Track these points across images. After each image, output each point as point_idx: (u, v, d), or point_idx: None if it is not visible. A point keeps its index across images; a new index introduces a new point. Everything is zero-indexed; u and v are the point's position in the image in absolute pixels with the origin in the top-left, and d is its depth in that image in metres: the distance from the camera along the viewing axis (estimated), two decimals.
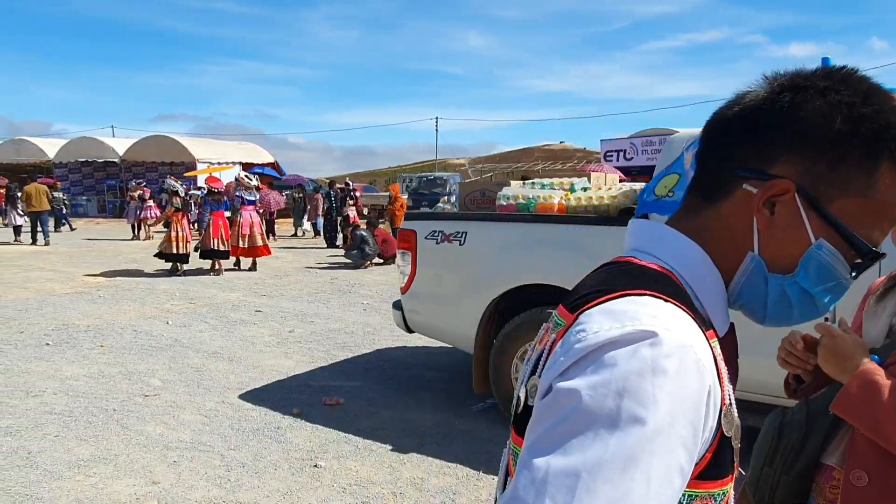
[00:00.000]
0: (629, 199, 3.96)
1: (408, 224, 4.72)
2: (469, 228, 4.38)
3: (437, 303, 4.59)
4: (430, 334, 4.91)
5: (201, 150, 27.68)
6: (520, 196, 4.33)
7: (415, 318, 4.78)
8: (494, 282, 4.22)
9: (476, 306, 4.28)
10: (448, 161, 71.63)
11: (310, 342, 6.58)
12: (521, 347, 4.11)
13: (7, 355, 6.01)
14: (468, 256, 4.35)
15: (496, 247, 4.27)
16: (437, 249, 4.46)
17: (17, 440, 4.05)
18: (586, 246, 3.86)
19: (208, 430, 4.23)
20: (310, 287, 10.09)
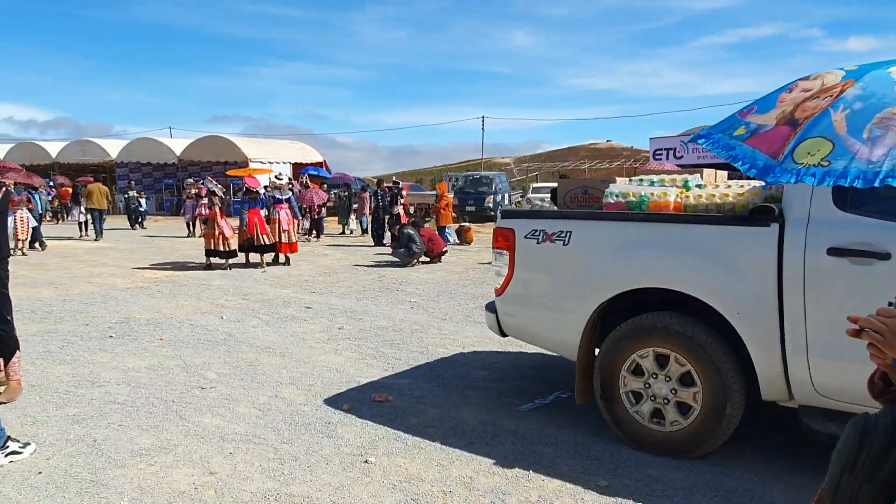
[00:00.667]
0: (759, 196, 3.67)
1: (505, 222, 4.46)
2: (574, 228, 4.10)
3: (537, 306, 4.32)
4: (527, 339, 4.64)
5: (253, 150, 28.30)
6: (630, 193, 4.08)
7: (510, 322, 4.53)
8: (602, 285, 3.92)
9: (580, 311, 3.99)
10: (493, 160, 71.50)
11: (359, 339, 6.65)
12: (630, 356, 3.81)
13: (74, 346, 6.26)
14: (573, 257, 4.07)
15: (605, 248, 3.98)
16: (537, 249, 4.19)
17: (83, 428, 4.21)
18: (709, 248, 3.59)
19: (262, 423, 4.32)
20: (358, 285, 10.20)
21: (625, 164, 34.67)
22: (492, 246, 4.58)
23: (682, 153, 19.44)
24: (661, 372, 3.71)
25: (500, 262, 4.43)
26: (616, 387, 3.88)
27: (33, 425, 4.26)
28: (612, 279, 3.89)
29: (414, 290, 9.58)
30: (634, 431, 3.82)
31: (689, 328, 3.59)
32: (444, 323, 7.42)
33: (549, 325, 4.30)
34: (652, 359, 3.73)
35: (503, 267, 4.40)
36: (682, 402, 3.66)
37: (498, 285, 4.47)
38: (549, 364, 5.74)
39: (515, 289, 4.36)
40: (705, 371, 3.53)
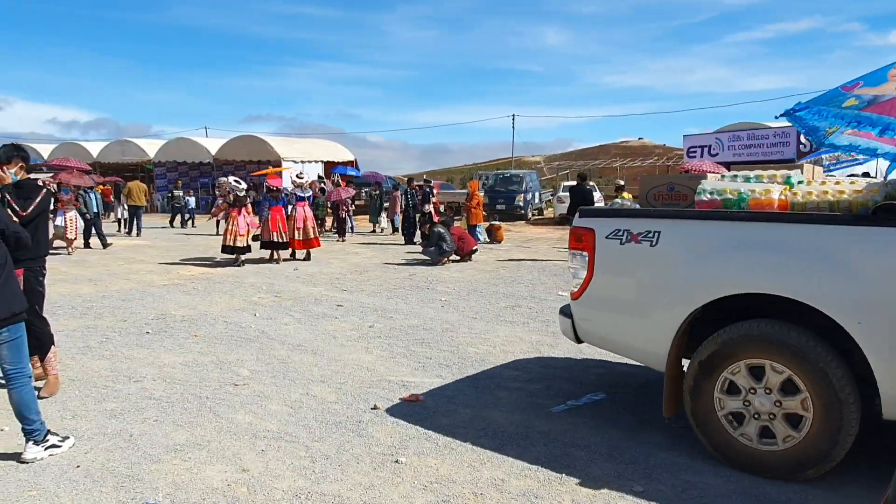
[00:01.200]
0: (879, 193, 3.42)
1: (584, 221, 4.16)
2: (664, 227, 3.76)
3: (619, 312, 4.00)
4: (606, 346, 4.33)
5: (286, 149, 28.59)
6: (727, 191, 3.82)
7: (587, 328, 4.25)
8: (696, 290, 3.57)
9: (670, 318, 3.65)
10: (523, 158, 71.10)
11: (389, 337, 6.64)
12: (727, 369, 3.49)
13: (112, 342, 6.38)
14: (662, 259, 3.74)
15: (700, 249, 3.64)
16: (621, 251, 3.89)
17: (120, 423, 4.27)
18: (824, 250, 3.25)
19: (293, 420, 4.33)
20: (389, 283, 10.21)
21: (658, 162, 34.14)
22: (568, 246, 4.34)
23: (717, 150, 19.06)
24: (759, 385, 3.41)
25: (578, 263, 4.15)
26: (712, 410, 3.57)
27: (73, 419, 4.34)
28: (708, 284, 3.54)
29: (444, 289, 9.55)
30: (743, 456, 3.48)
31: (796, 337, 3.28)
32: (474, 322, 7.37)
33: (632, 333, 3.97)
34: (745, 372, 3.44)
35: (581, 269, 4.11)
36: (790, 413, 3.35)
37: (574, 288, 4.20)
38: (580, 365, 5.65)
39: (594, 292, 4.06)
40: (812, 378, 3.24)
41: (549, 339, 6.54)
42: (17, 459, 3.67)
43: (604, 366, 5.60)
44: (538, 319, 7.46)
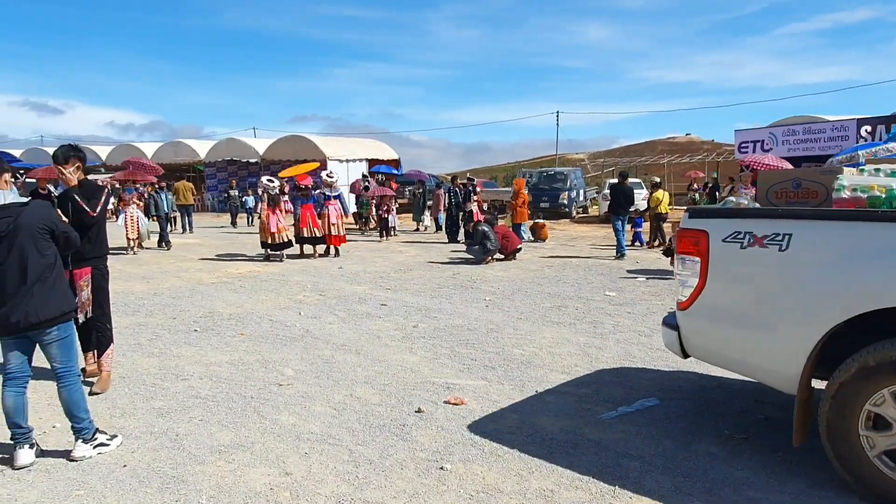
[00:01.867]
0: None
1: (696, 223, 3.75)
2: (795, 229, 3.30)
3: (737, 325, 3.52)
4: (721, 364, 3.85)
5: (331, 149, 28.83)
6: (874, 187, 3.40)
7: (697, 342, 3.82)
8: (839, 302, 3.09)
9: (804, 334, 3.19)
10: (567, 156, 70.13)
11: (433, 338, 6.52)
12: (873, 394, 3.01)
13: (162, 340, 6.44)
14: (794, 266, 3.28)
15: (843, 254, 3.14)
16: (742, 256, 3.45)
17: (167, 422, 4.27)
18: None
19: (337, 423, 4.25)
20: (432, 282, 10.11)
21: (707, 158, 33.13)
22: (675, 250, 3.92)
23: (770, 145, 18.36)
24: None
25: (687, 269, 3.73)
26: (853, 429, 3.08)
27: (122, 417, 4.36)
28: (854, 295, 3.06)
29: (488, 288, 9.39)
30: None
31: None
32: (519, 322, 7.20)
33: (753, 349, 3.49)
34: (892, 401, 2.98)
35: (691, 276, 3.70)
36: None
37: (682, 297, 3.77)
38: (630, 369, 5.42)
39: (708, 302, 3.63)
40: None
41: (596, 340, 6.33)
42: (67, 457, 3.69)
43: (655, 370, 5.36)
44: (585, 320, 7.24)
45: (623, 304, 8.15)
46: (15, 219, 3.48)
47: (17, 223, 3.47)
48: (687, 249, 3.74)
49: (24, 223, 3.50)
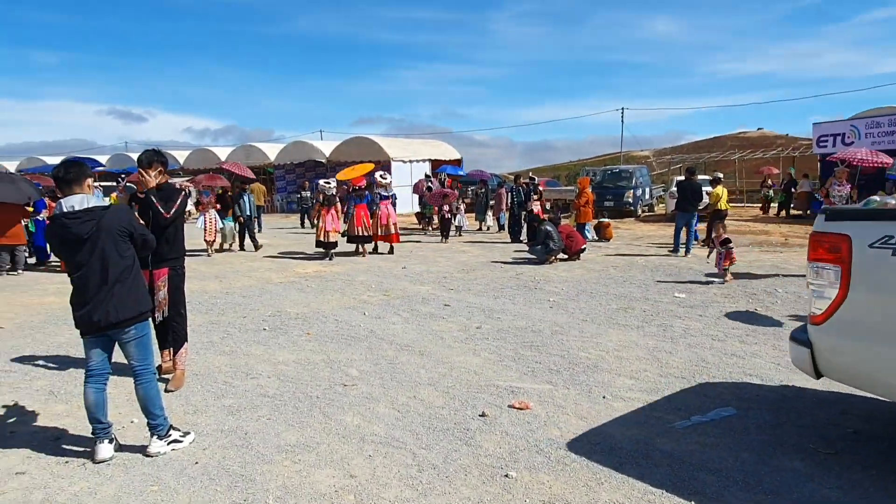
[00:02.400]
0: None
1: (834, 226, 3.41)
2: None
3: (887, 343, 3.13)
4: (864, 386, 3.48)
5: (395, 150, 29.09)
6: None
7: (835, 361, 3.46)
8: None
9: None
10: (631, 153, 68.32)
11: (496, 339, 6.42)
12: None
13: (233, 338, 6.60)
14: None
15: None
16: (893, 263, 3.11)
17: (236, 420, 4.34)
18: None
19: (401, 425, 4.21)
20: (495, 282, 9.99)
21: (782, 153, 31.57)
22: (807, 257, 3.60)
23: (851, 138, 17.30)
24: None
25: (824, 278, 3.40)
26: None
27: (194, 414, 4.47)
28: None
29: (552, 289, 9.20)
30: None
31: None
32: (585, 324, 7.00)
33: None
34: None
35: (828, 286, 3.36)
36: None
37: (817, 310, 3.44)
38: (703, 375, 5.16)
39: (849, 316, 3.28)
40: None
41: (666, 344, 6.07)
42: (143, 453, 3.79)
43: (729, 377, 5.08)
44: (653, 323, 6.97)
45: (693, 306, 7.81)
46: (97, 221, 3.59)
47: (98, 226, 3.59)
48: (823, 256, 3.40)
49: (105, 226, 3.61)
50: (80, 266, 3.59)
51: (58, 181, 3.69)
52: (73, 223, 3.56)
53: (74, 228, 3.55)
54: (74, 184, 3.65)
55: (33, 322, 7.42)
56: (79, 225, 3.56)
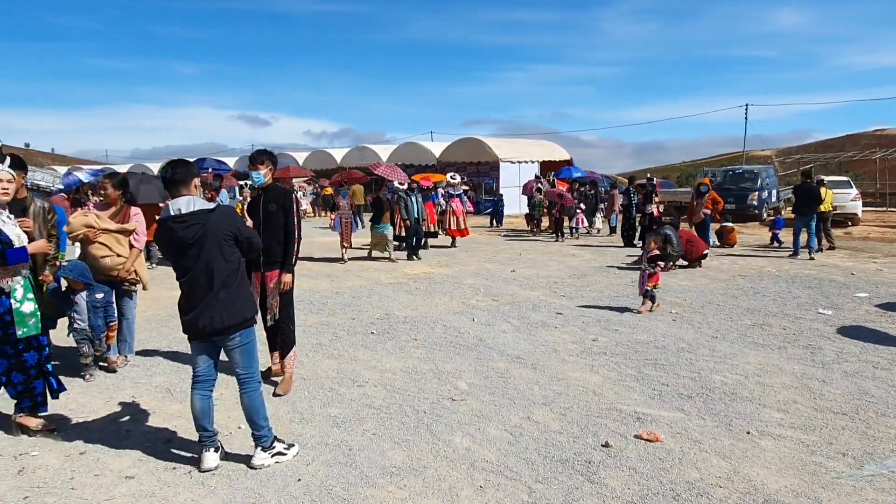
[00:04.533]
0: None
1: None
2: None
3: None
4: None
5: (504, 150, 28.62)
6: None
7: None
8: None
9: None
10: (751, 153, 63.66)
11: (616, 355, 5.82)
12: None
13: (341, 341, 6.43)
14: None
15: None
16: None
17: (341, 432, 4.08)
18: None
19: (514, 451, 3.78)
20: (610, 289, 9.31)
21: None
22: None
23: None
24: None
25: None
26: None
27: (300, 423, 4.26)
28: None
29: (673, 299, 8.40)
30: None
31: None
32: (715, 342, 6.23)
33: None
34: None
35: None
36: None
37: None
38: (869, 412, 4.33)
39: None
40: None
41: (817, 371, 5.23)
42: (247, 464, 3.60)
43: None
44: (798, 344, 6.08)
45: (844, 325, 6.79)
46: (203, 225, 3.43)
47: (204, 230, 3.42)
48: None
49: (212, 229, 3.44)
50: (187, 271, 3.44)
51: (165, 182, 3.54)
52: (179, 227, 3.41)
53: (180, 233, 3.40)
54: (182, 185, 3.51)
55: (160, 315, 7.66)
56: (184, 229, 3.40)
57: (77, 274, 5.10)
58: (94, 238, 5.22)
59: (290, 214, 4.87)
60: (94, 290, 5.19)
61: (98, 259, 5.25)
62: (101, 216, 5.36)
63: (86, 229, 5.19)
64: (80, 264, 5.22)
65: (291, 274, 4.94)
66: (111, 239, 5.32)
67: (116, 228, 5.38)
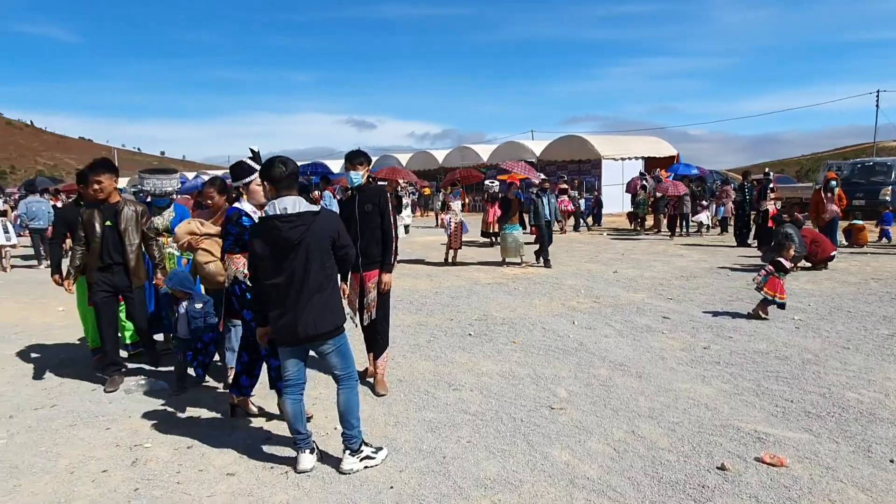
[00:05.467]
0: None
1: None
2: None
3: None
4: None
5: (607, 148, 27.64)
6: None
7: None
8: None
9: None
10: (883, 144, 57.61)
11: (731, 365, 5.31)
12: None
13: (438, 342, 6.33)
14: None
15: None
16: None
17: (436, 438, 3.95)
18: None
19: (617, 469, 3.48)
20: (723, 292, 8.61)
21: None
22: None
23: None
24: None
25: None
26: None
27: (395, 426, 4.18)
28: None
29: (796, 305, 7.61)
30: None
31: None
32: (846, 353, 5.54)
33: None
34: None
35: None
36: None
37: None
38: None
39: None
40: None
41: None
42: (337, 468, 3.53)
43: None
44: None
45: None
46: (307, 227, 3.38)
47: (308, 232, 3.37)
48: None
49: (315, 233, 3.38)
50: (281, 272, 3.38)
51: (272, 180, 3.50)
52: (284, 227, 3.36)
53: (285, 232, 3.36)
54: (294, 183, 3.49)
55: None
56: (290, 229, 3.36)
57: (176, 283, 5.00)
58: (197, 244, 5.01)
59: (387, 214, 4.81)
60: (194, 299, 5.01)
61: (202, 265, 5.02)
62: (203, 222, 5.15)
63: (189, 237, 5.01)
64: (181, 273, 5.18)
65: (391, 274, 4.88)
66: (213, 244, 5.00)
67: (217, 232, 5.06)
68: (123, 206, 5.09)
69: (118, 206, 5.08)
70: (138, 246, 5.16)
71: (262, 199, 4.10)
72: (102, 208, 5.06)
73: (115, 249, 5.04)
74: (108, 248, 5.03)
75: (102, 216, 5.03)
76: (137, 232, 5.13)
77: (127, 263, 5.08)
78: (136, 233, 5.12)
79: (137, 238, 5.14)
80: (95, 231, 5.01)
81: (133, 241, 5.10)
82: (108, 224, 5.04)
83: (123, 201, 5.15)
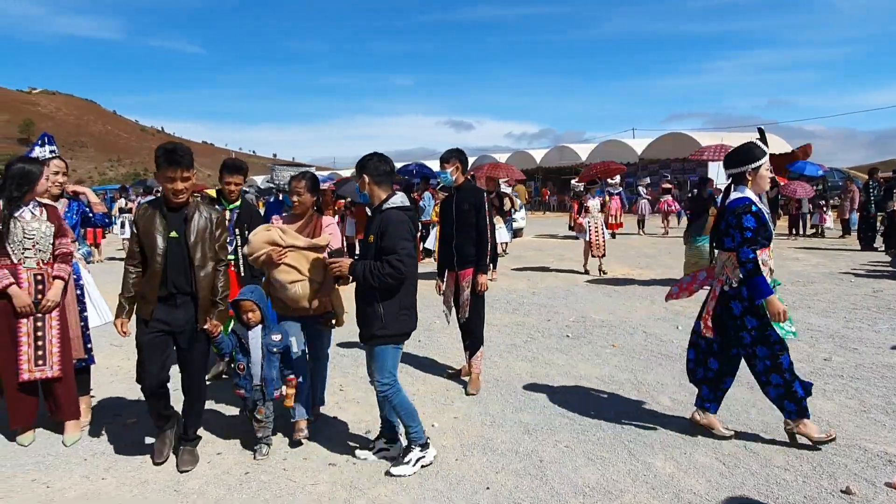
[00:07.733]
0: None
1: None
2: None
3: None
4: None
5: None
6: None
7: None
8: None
9: None
10: None
11: (856, 379, 4.83)
12: None
13: (535, 343, 6.21)
14: None
15: None
16: None
17: (532, 441, 3.86)
18: None
19: (727, 485, 3.24)
20: (845, 300, 7.88)
21: None
22: None
23: None
24: None
25: None
26: None
27: (491, 426, 4.12)
28: None
29: None
30: None
31: None
32: None
33: None
34: None
35: None
36: None
37: None
38: None
39: None
40: None
41: None
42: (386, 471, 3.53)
43: None
44: None
45: None
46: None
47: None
48: None
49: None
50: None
51: (384, 176, 3.51)
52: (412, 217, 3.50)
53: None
54: (391, 179, 3.55)
55: None
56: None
57: (258, 296, 3.75)
58: (279, 259, 3.71)
59: (482, 213, 4.77)
60: (271, 329, 3.75)
61: (285, 286, 3.71)
62: (286, 230, 3.81)
63: (269, 248, 3.70)
64: (260, 289, 3.87)
65: (485, 275, 4.84)
66: (300, 259, 3.73)
67: (306, 245, 3.78)
68: (195, 212, 3.53)
69: (188, 210, 3.51)
70: (213, 270, 3.55)
71: (767, 186, 3.76)
72: (167, 213, 3.49)
73: (181, 272, 3.47)
74: (173, 270, 3.45)
75: (167, 224, 3.48)
76: (211, 249, 3.55)
77: (196, 294, 3.49)
78: (210, 250, 3.54)
79: (212, 258, 3.54)
80: (157, 245, 3.44)
81: (206, 263, 3.51)
82: (173, 236, 3.47)
83: (195, 204, 3.58)
